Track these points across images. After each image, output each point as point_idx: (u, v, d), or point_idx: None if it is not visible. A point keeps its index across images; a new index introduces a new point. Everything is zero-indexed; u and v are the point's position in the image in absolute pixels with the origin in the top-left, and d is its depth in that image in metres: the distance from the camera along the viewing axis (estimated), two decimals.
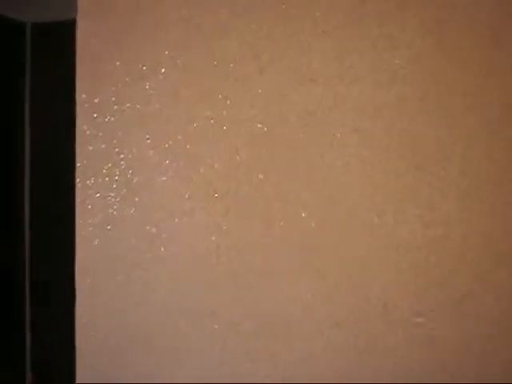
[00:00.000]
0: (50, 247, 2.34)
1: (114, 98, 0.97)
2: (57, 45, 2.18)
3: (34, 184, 2.33)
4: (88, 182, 1.00)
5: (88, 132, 0.99)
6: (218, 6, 0.88)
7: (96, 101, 0.97)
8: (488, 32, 0.75)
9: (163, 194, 0.94)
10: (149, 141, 0.95)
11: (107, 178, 0.99)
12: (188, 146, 0.92)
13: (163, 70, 0.93)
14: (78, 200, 1.00)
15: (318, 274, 0.85)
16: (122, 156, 0.97)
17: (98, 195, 0.99)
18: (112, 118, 0.97)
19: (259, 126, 0.87)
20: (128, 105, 0.96)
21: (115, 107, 0.97)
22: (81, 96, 0.98)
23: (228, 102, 0.89)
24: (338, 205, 0.83)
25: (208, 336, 0.93)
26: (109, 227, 1.00)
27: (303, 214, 0.85)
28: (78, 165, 1.00)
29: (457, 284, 0.78)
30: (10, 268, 2.47)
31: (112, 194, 0.99)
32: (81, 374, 1.03)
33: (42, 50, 2.25)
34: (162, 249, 0.95)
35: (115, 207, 0.99)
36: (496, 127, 0.75)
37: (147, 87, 0.94)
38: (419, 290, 0.80)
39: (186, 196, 0.93)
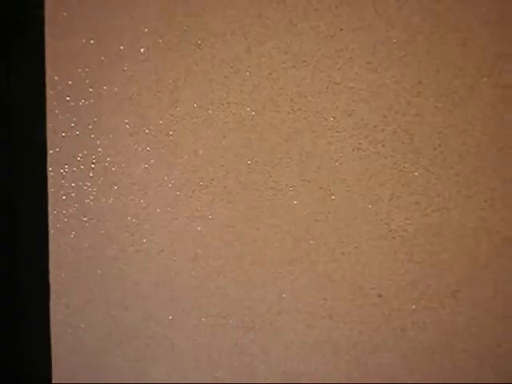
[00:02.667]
0: (20, 240, 2.23)
1: (88, 80, 0.90)
2: (21, 18, 2.05)
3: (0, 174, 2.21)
4: (61, 170, 0.93)
5: (60, 117, 0.92)
6: None
7: (69, 83, 0.90)
8: (492, 9, 0.72)
9: (144, 182, 0.89)
10: (128, 126, 0.89)
11: (82, 166, 0.92)
12: (170, 132, 0.86)
13: (143, 49, 0.86)
14: (50, 190, 0.93)
15: (311, 264, 0.82)
16: (98, 142, 0.91)
17: (72, 185, 0.92)
18: (87, 102, 0.90)
19: (247, 109, 0.82)
20: (104, 87, 0.89)
21: (90, 90, 0.90)
22: (52, 78, 0.90)
23: (214, 84, 0.84)
24: (331, 192, 0.80)
25: (195, 330, 0.89)
26: (85, 218, 0.93)
27: (294, 202, 0.82)
28: (49, 152, 0.93)
29: (454, 273, 0.76)
30: None
31: (88, 184, 0.92)
32: (56, 373, 0.98)
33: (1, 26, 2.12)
34: (144, 240, 0.90)
35: (92, 197, 0.92)
36: (495, 110, 0.73)
37: (125, 68, 0.87)
38: (415, 279, 0.78)
39: (170, 185, 0.88)
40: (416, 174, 0.76)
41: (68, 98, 0.91)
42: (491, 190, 0.74)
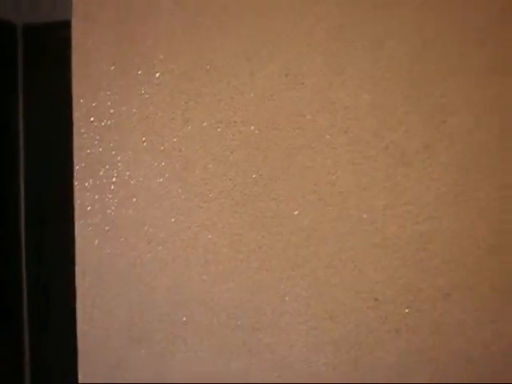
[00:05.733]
0: (50, 248, 2.39)
1: (109, 103, 0.99)
2: (51, 47, 2.19)
3: (33, 187, 2.36)
4: (86, 184, 1.02)
5: (85, 135, 1.01)
6: (211, 11, 0.91)
7: (93, 105, 0.99)
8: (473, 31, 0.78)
9: (160, 194, 0.97)
10: (145, 144, 0.97)
11: (105, 180, 1.01)
12: (183, 149, 0.95)
13: (158, 74, 0.95)
14: (77, 202, 1.03)
15: (311, 270, 0.88)
16: (118, 158, 1.00)
17: (96, 197, 1.02)
18: (109, 122, 0.99)
19: (252, 128, 0.90)
20: (124, 108, 0.98)
21: (111, 111, 0.99)
22: (78, 100, 1.00)
23: (221, 105, 0.92)
24: (328, 203, 0.86)
25: (207, 330, 0.96)
26: (107, 228, 1.02)
27: (295, 212, 0.88)
28: (76, 167, 1.02)
29: (445, 277, 0.82)
30: (8, 271, 2.49)
31: (110, 196, 1.01)
32: (82, 373, 1.06)
33: (35, 53, 2.26)
34: (160, 248, 0.98)
35: (113, 208, 1.01)
36: (482, 120, 0.78)
37: (142, 91, 0.96)
38: (409, 284, 0.83)
39: (183, 196, 0.96)
40: (407, 185, 0.82)
41: (92, 119, 1.01)
42: (476, 200, 0.79)
